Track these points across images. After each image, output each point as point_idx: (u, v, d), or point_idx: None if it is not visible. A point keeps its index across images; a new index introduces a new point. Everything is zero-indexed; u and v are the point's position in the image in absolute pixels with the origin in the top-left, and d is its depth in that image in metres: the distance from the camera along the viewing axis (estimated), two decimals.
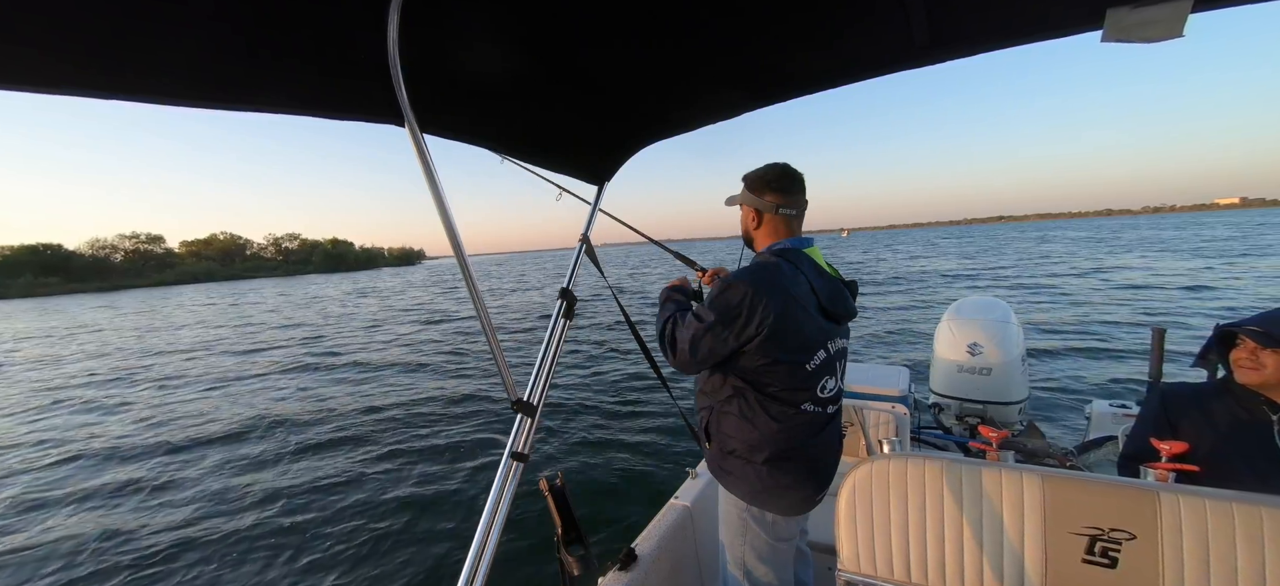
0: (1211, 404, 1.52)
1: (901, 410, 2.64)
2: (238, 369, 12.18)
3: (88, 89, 0.73)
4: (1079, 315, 12.12)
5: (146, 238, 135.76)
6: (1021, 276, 21.28)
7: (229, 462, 6.17)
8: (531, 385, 1.36)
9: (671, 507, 2.15)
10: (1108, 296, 14.74)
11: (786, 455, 1.37)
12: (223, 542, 4.38)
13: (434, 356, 12.05)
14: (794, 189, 1.46)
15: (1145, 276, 18.54)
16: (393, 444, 6.38)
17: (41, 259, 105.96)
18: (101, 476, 5.96)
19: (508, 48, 1.02)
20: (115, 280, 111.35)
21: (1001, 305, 3.84)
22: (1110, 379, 7.33)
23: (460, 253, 1.01)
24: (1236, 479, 1.25)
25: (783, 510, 1.43)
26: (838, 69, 1.20)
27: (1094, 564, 1.12)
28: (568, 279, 1.58)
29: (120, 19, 0.66)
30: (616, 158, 1.69)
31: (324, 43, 0.84)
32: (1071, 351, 8.91)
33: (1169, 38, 0.83)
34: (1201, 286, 15.51)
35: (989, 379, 3.47)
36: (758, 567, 1.46)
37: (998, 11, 0.98)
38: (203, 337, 18.42)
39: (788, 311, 1.29)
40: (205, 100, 0.84)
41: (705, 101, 1.39)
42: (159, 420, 8.17)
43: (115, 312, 34.38)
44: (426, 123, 0.98)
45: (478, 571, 1.03)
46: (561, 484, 1.27)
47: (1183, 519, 1.06)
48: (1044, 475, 1.19)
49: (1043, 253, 35.80)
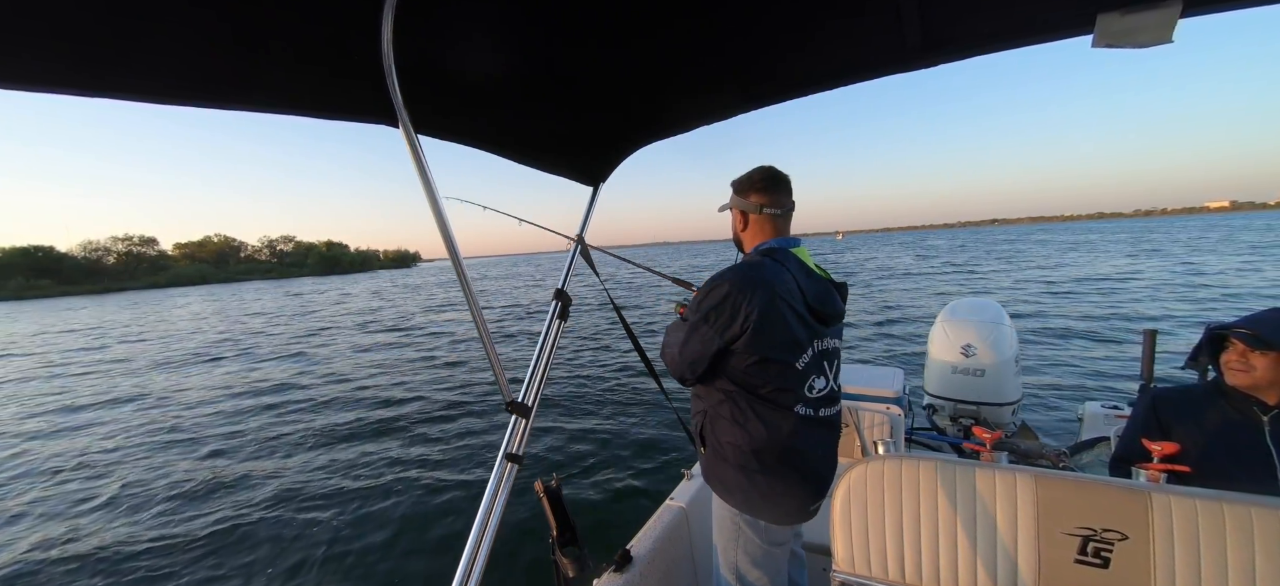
0: (1202, 405, 1.53)
1: (896, 411, 2.65)
2: (234, 368, 12.12)
3: (78, 88, 0.73)
4: (1073, 316, 12.20)
5: (140, 240, 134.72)
6: (1020, 276, 21.43)
7: (221, 465, 6.13)
8: (526, 386, 1.36)
9: (667, 509, 2.15)
10: (1103, 298, 14.87)
11: (780, 461, 1.36)
12: (210, 546, 4.34)
13: (428, 357, 12.00)
14: (779, 190, 1.48)
15: (1138, 277, 18.73)
16: (386, 445, 6.35)
17: (33, 261, 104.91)
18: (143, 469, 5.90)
19: (501, 48, 1.02)
20: (108, 282, 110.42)
21: (995, 306, 3.86)
22: (1102, 380, 7.38)
23: (455, 254, 1.01)
24: (1228, 479, 1.26)
25: (776, 518, 1.42)
26: (831, 72, 1.21)
27: (1086, 564, 1.13)
28: (562, 280, 1.58)
29: (111, 17, 0.65)
30: (611, 159, 1.69)
31: (317, 42, 0.84)
32: (1064, 353, 8.96)
33: (1158, 43, 0.84)
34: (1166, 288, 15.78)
35: (982, 380, 3.49)
36: (751, 572, 1.45)
37: (989, 16, 0.99)
38: (204, 332, 18.31)
39: (772, 307, 1.29)
40: (198, 99, 0.84)
41: (700, 103, 1.40)
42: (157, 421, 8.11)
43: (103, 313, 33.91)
44: (420, 123, 0.98)
45: (472, 573, 1.02)
46: (556, 485, 1.27)
47: (1174, 519, 1.07)
48: (1037, 476, 1.19)
49: (1043, 253, 36.04)
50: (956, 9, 0.97)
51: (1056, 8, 0.92)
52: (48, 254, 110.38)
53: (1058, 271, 23.13)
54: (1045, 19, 0.95)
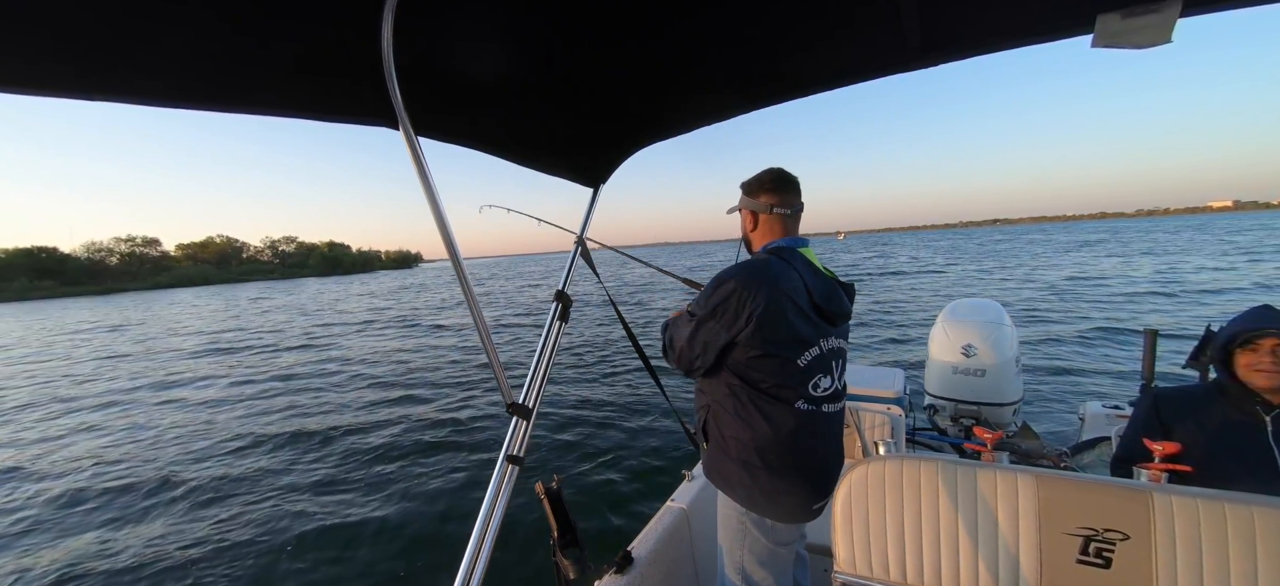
0: (1204, 405, 1.52)
1: (897, 411, 2.64)
2: (228, 366, 12.15)
3: (80, 91, 0.73)
4: (1073, 317, 12.18)
5: (142, 241, 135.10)
6: (1018, 278, 21.38)
7: (215, 467, 6.14)
8: (527, 388, 1.36)
9: (668, 510, 2.14)
10: (1102, 298, 14.84)
11: (783, 457, 1.36)
12: (204, 548, 4.35)
13: (428, 359, 12.01)
14: (788, 190, 1.50)
15: (1140, 277, 18.68)
16: (386, 447, 6.35)
17: (37, 262, 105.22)
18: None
19: (502, 50, 1.02)
20: (111, 283, 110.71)
21: (995, 307, 3.86)
22: (1104, 380, 7.36)
23: (455, 255, 1.01)
24: (1229, 479, 1.26)
25: (780, 516, 1.42)
26: (832, 72, 1.21)
27: (1088, 564, 1.12)
28: (563, 281, 1.58)
29: (113, 21, 0.66)
30: (612, 159, 1.69)
31: (317, 45, 0.84)
32: (1065, 353, 8.94)
33: (1157, 44, 0.83)
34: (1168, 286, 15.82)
35: (983, 380, 3.49)
36: (757, 572, 1.44)
37: (989, 16, 0.99)
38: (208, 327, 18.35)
39: (775, 302, 1.31)
40: (199, 102, 0.84)
41: (700, 103, 1.40)
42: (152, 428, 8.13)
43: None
44: (420, 125, 0.98)
45: (473, 575, 1.02)
46: (557, 487, 1.27)
47: (1176, 519, 1.07)
48: (1038, 476, 1.19)
49: (1041, 255, 35.95)
50: (956, 9, 0.97)
51: (1056, 8, 0.92)
52: (51, 255, 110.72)
53: (1058, 270, 23.09)
54: (1045, 19, 0.95)
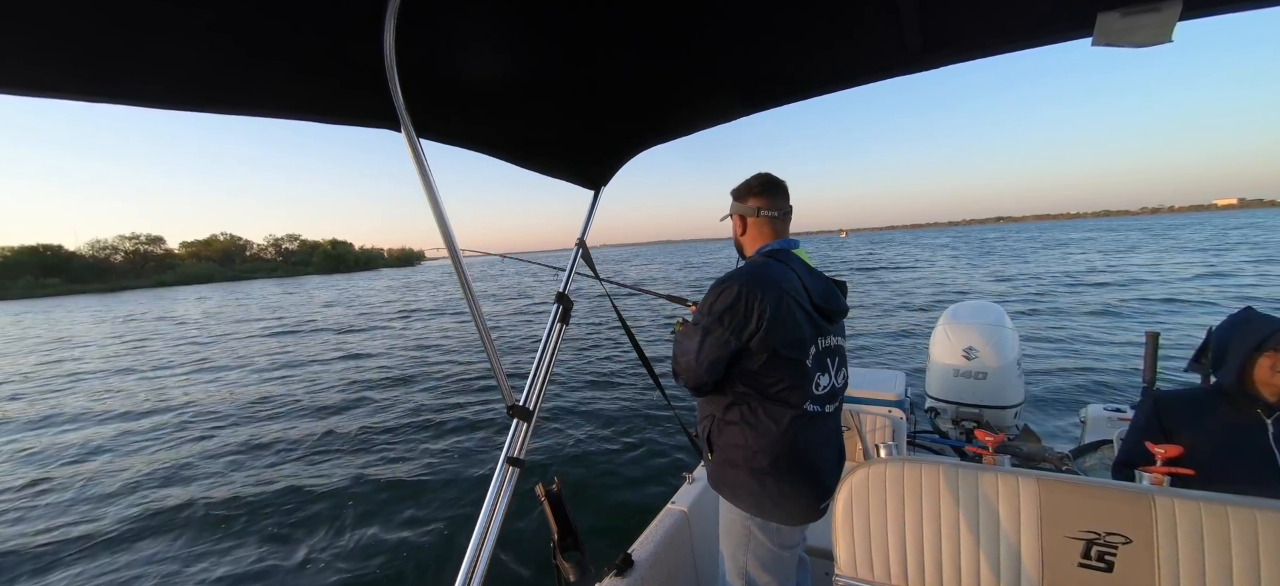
0: (1205, 408, 1.52)
1: (898, 414, 2.64)
2: (223, 365, 12.17)
3: (83, 93, 0.73)
4: (1074, 318, 12.14)
5: (147, 239, 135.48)
6: (1020, 278, 21.33)
7: (213, 468, 6.15)
8: (527, 390, 1.36)
9: (668, 512, 2.14)
10: (1104, 300, 14.79)
11: (789, 460, 1.36)
12: (201, 548, 4.36)
13: (429, 360, 12.02)
14: (776, 193, 1.51)
15: (1140, 279, 18.61)
16: (387, 448, 6.36)
17: (42, 260, 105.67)
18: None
19: (503, 52, 1.02)
20: (116, 281, 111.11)
21: (996, 309, 3.85)
22: (1105, 382, 7.33)
23: (455, 255, 1.01)
24: (1231, 482, 1.26)
25: (787, 519, 1.41)
26: (832, 74, 1.21)
27: (1090, 568, 1.12)
28: (563, 283, 1.58)
29: (115, 23, 0.66)
30: (612, 162, 1.69)
31: (320, 47, 0.84)
32: (1067, 355, 8.91)
33: (1157, 43, 0.84)
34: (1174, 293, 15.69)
35: (985, 382, 3.48)
36: (760, 576, 1.44)
37: (989, 17, 0.99)
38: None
39: (783, 304, 1.31)
40: (202, 104, 0.85)
41: (701, 106, 1.40)
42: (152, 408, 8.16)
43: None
44: (422, 127, 0.98)
45: (473, 577, 1.02)
46: (558, 489, 1.27)
47: (1178, 522, 1.07)
48: (1040, 479, 1.19)
49: (1041, 254, 35.87)
50: (957, 11, 0.97)
51: (1056, 8, 0.92)
52: (56, 253, 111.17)
53: (1055, 271, 23.02)
54: (1045, 20, 0.95)
